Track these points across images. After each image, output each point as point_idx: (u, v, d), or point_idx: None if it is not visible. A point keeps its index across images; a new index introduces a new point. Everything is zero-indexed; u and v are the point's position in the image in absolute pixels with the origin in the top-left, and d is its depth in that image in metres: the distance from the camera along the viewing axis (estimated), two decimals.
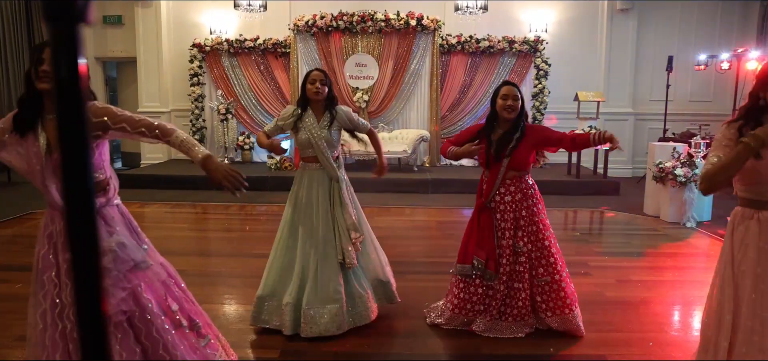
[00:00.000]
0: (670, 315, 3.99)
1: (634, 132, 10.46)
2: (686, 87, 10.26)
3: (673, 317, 3.98)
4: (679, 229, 6.43)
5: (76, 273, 0.54)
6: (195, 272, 4.85)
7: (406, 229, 6.66)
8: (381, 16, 9.69)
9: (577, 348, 3.37)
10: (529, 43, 9.85)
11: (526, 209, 3.44)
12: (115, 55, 10.91)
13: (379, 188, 8.47)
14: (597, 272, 4.85)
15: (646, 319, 3.82)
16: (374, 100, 9.99)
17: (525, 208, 3.44)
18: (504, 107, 3.37)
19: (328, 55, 9.97)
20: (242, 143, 10.36)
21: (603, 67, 10.23)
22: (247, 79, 10.26)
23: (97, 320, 0.55)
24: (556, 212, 7.56)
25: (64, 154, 0.52)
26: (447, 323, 3.61)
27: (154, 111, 10.55)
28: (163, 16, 10.38)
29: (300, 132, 3.49)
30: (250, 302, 4.06)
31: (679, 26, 10.34)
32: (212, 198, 8.11)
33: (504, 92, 3.39)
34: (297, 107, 3.54)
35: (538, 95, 9.94)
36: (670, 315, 3.99)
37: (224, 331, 3.58)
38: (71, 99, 0.52)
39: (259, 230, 6.71)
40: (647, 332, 3.59)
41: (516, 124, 3.40)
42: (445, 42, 9.91)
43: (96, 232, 0.54)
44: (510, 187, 3.43)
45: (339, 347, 3.36)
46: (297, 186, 3.58)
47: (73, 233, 0.53)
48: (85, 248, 0.54)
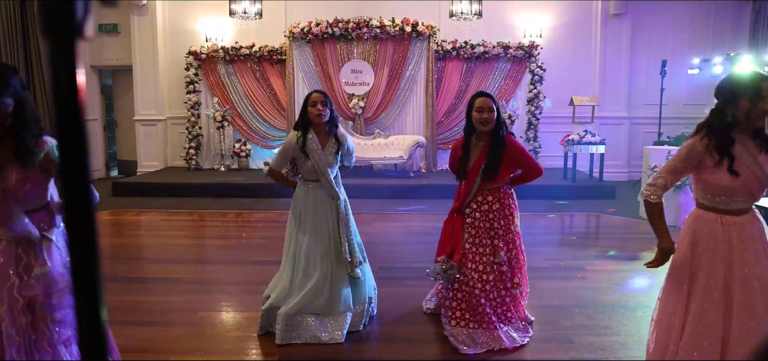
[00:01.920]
0: None
1: (629, 136, 10.50)
2: (680, 91, 10.31)
3: None
4: (675, 232, 6.42)
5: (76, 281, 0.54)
6: (192, 279, 4.85)
7: (401, 235, 6.66)
8: (376, 23, 9.72)
9: (574, 353, 3.38)
10: (524, 49, 9.89)
11: (503, 218, 3.47)
12: (110, 63, 10.90)
13: (375, 194, 8.48)
14: (593, 275, 4.87)
15: (642, 322, 3.83)
16: (370, 106, 10.01)
17: (502, 218, 3.47)
18: (479, 121, 3.39)
19: (324, 62, 9.99)
20: (238, 150, 10.35)
21: (597, 72, 10.28)
22: (243, 87, 10.27)
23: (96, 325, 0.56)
24: (552, 216, 7.59)
25: (65, 169, 0.53)
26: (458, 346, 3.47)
27: (151, 119, 10.55)
28: (159, 23, 10.38)
29: (307, 161, 3.51)
30: (248, 309, 4.08)
31: (672, 30, 10.40)
32: (209, 206, 8.10)
33: (478, 105, 3.40)
34: (298, 133, 3.54)
35: (533, 100, 9.97)
36: None
37: (222, 339, 3.60)
38: (71, 114, 0.53)
39: (256, 238, 6.71)
40: (643, 335, 3.59)
41: (496, 138, 3.40)
42: (440, 48, 9.94)
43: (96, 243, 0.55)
44: (487, 197, 3.48)
45: (336, 354, 3.36)
46: (300, 204, 3.61)
47: (73, 245, 0.54)
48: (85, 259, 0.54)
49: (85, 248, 0.55)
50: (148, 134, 10.62)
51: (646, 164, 7.24)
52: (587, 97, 9.50)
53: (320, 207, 3.56)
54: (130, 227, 7.12)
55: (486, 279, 3.45)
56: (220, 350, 3.42)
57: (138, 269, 5.29)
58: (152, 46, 10.37)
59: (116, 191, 9.04)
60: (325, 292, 3.50)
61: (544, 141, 10.06)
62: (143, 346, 3.38)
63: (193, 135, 10.31)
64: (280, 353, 3.37)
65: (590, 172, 9.29)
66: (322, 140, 3.54)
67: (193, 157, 10.29)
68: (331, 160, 3.55)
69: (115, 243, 6.54)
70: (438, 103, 10.11)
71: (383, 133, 9.97)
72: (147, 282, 4.89)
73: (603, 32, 10.23)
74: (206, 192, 8.87)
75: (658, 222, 2.51)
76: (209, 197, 8.71)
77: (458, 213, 3.52)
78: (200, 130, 10.39)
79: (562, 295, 4.33)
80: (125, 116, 11.24)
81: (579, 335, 3.59)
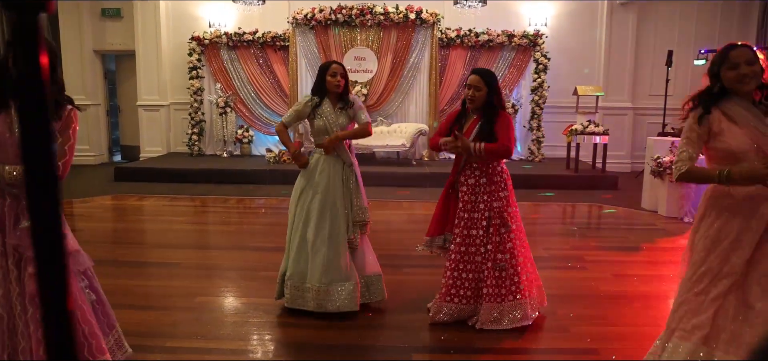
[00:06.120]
0: (666, 310, 3.98)
1: (633, 126, 10.43)
2: (686, 82, 10.20)
3: (668, 311, 3.97)
4: (677, 223, 6.42)
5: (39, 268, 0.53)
6: (191, 264, 4.86)
7: (403, 222, 6.66)
8: (380, 10, 9.66)
9: (571, 342, 3.37)
10: (529, 37, 9.82)
11: (488, 194, 3.44)
12: (113, 48, 10.88)
13: (377, 181, 8.46)
14: (593, 266, 4.85)
15: (642, 313, 3.82)
16: (373, 93, 9.97)
17: (487, 193, 3.44)
18: (467, 97, 3.44)
19: (327, 49, 9.94)
20: (241, 137, 10.34)
21: (602, 62, 10.19)
22: (246, 73, 10.24)
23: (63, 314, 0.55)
24: (554, 206, 7.57)
25: (25, 147, 0.52)
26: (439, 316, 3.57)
27: (153, 104, 10.54)
28: (162, 9, 10.34)
29: (317, 119, 3.62)
30: (247, 295, 4.09)
31: (679, 22, 10.30)
32: (211, 192, 8.11)
33: (468, 82, 3.45)
34: (314, 96, 3.65)
35: (537, 89, 9.92)
36: (666, 310, 3.98)
37: (218, 324, 3.61)
38: (33, 90, 0.51)
39: (258, 224, 6.72)
40: (642, 326, 3.59)
41: (486, 115, 3.40)
42: (445, 36, 9.88)
43: (60, 225, 0.54)
44: (475, 170, 3.47)
45: (333, 339, 3.37)
46: (310, 167, 3.66)
47: (35, 228, 0.53)
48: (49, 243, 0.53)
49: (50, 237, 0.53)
50: (151, 120, 10.61)
51: (649, 155, 7.20)
52: (591, 87, 9.44)
53: (330, 170, 3.60)
54: (131, 212, 7.14)
55: (465, 251, 3.46)
56: (218, 335, 3.43)
57: (138, 254, 5.31)
58: (155, 31, 10.34)
59: (118, 175, 9.06)
60: (327, 254, 3.53)
61: (548, 130, 10.01)
62: (141, 330, 3.39)
63: (196, 121, 10.30)
64: (278, 338, 3.38)
65: (593, 163, 9.24)
66: (334, 105, 3.65)
67: (195, 143, 10.29)
68: (343, 121, 3.61)
69: (118, 228, 6.57)
70: (441, 91, 10.06)
71: (386, 121, 9.94)
72: (147, 267, 4.90)
73: (609, 21, 10.13)
74: (208, 178, 8.88)
75: (703, 173, 2.37)
76: (211, 183, 8.72)
77: (452, 188, 3.56)
78: (203, 116, 10.38)
79: (560, 285, 4.31)
80: (128, 101, 11.23)
81: (576, 325, 3.58)
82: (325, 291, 3.53)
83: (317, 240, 3.55)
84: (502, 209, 3.44)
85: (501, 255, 3.43)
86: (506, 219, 3.44)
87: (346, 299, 3.55)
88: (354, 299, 3.57)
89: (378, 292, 3.81)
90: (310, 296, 3.57)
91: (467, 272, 3.48)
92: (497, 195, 3.44)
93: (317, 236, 3.55)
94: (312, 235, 3.56)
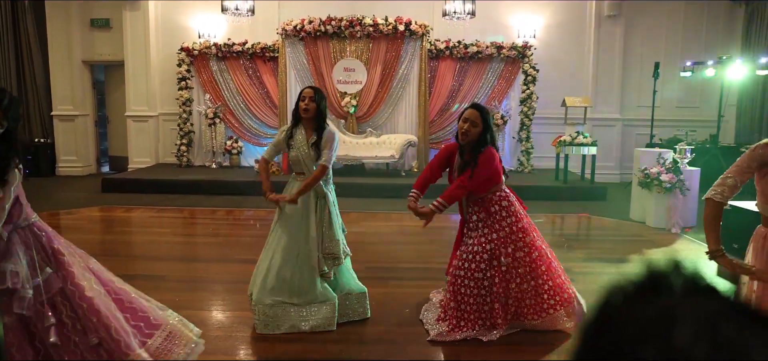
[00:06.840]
0: None
1: (621, 138, 10.51)
2: (673, 93, 10.32)
3: None
4: (665, 235, 6.45)
5: None
6: (177, 277, 4.82)
7: (392, 234, 6.65)
8: (369, 21, 9.69)
9: (558, 355, 3.36)
10: (518, 49, 9.88)
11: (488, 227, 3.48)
12: (102, 58, 10.83)
13: (365, 193, 8.46)
14: (580, 278, 4.85)
15: None
16: (362, 105, 9.98)
17: (487, 226, 3.48)
18: (461, 130, 3.42)
19: (317, 60, 9.95)
20: (230, 148, 10.30)
21: (591, 73, 10.28)
22: (236, 84, 10.22)
23: None
24: (543, 218, 7.58)
25: None
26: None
27: (142, 115, 10.49)
28: (151, 19, 10.32)
29: (290, 150, 3.65)
30: (232, 309, 4.06)
31: (665, 33, 10.42)
32: (199, 203, 8.05)
33: (465, 115, 3.43)
34: (290, 124, 3.69)
35: (526, 101, 9.97)
36: None
37: (204, 338, 3.56)
38: None
39: (246, 236, 6.68)
40: None
41: (473, 151, 3.41)
42: (434, 47, 9.92)
43: None
44: (475, 207, 3.54)
45: (317, 353, 3.34)
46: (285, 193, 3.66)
47: None
48: None
49: None
50: (140, 130, 10.55)
51: (637, 166, 7.24)
52: (580, 98, 9.50)
53: (302, 200, 3.58)
54: (118, 224, 7.08)
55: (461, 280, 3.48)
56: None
57: (124, 266, 5.22)
58: (144, 41, 10.30)
59: (106, 187, 8.98)
60: (296, 277, 3.53)
61: (536, 142, 10.06)
62: None
63: (185, 132, 10.26)
64: (259, 354, 3.34)
65: (582, 174, 9.28)
66: (308, 135, 3.63)
67: (184, 154, 10.24)
68: (313, 155, 3.58)
69: (104, 240, 6.50)
70: (431, 102, 10.08)
71: (375, 132, 9.94)
72: (132, 279, 4.74)
73: (596, 33, 10.23)
74: (197, 189, 8.82)
75: (713, 225, 2.32)
76: (200, 194, 8.67)
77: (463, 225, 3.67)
78: (192, 126, 10.34)
79: None
80: (117, 112, 11.17)
81: (562, 339, 3.57)
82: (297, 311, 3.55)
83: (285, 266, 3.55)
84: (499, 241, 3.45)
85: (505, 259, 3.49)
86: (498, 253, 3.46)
87: (322, 319, 3.57)
88: (329, 319, 3.58)
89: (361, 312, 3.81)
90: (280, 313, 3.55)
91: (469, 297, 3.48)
92: (498, 225, 3.47)
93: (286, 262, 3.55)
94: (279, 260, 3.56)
